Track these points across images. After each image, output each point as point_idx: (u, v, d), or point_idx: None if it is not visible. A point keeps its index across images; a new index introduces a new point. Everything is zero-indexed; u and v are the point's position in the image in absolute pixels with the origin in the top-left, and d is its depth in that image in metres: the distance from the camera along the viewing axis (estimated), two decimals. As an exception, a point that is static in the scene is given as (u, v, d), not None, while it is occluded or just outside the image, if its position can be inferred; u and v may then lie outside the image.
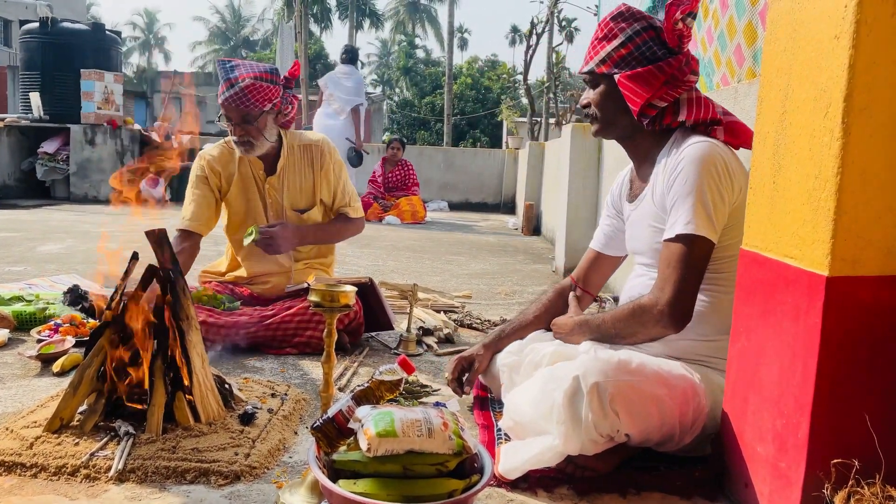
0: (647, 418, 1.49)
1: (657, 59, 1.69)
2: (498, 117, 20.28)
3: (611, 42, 1.72)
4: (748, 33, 2.30)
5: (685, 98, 1.73)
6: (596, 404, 1.44)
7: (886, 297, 1.21)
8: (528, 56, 12.32)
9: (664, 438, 1.54)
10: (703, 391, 1.57)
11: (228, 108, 2.56)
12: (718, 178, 1.61)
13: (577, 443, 1.46)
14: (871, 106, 1.18)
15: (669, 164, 1.69)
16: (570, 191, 4.62)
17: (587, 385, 1.44)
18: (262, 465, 1.55)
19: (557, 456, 1.49)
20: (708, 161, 1.62)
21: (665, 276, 1.63)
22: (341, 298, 1.40)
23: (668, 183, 1.68)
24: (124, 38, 39.46)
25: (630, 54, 1.70)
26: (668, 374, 1.55)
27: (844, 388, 1.22)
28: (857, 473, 1.17)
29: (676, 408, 1.51)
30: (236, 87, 2.52)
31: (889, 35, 1.17)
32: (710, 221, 1.60)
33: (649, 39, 1.69)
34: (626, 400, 1.45)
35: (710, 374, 1.65)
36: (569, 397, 1.46)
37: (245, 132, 2.57)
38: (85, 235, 5.64)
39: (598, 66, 1.75)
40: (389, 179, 8.81)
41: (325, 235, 2.84)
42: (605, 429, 1.46)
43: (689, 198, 1.61)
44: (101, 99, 9.25)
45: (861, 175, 1.19)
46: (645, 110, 1.71)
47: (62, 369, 2.18)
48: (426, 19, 39.43)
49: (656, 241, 1.73)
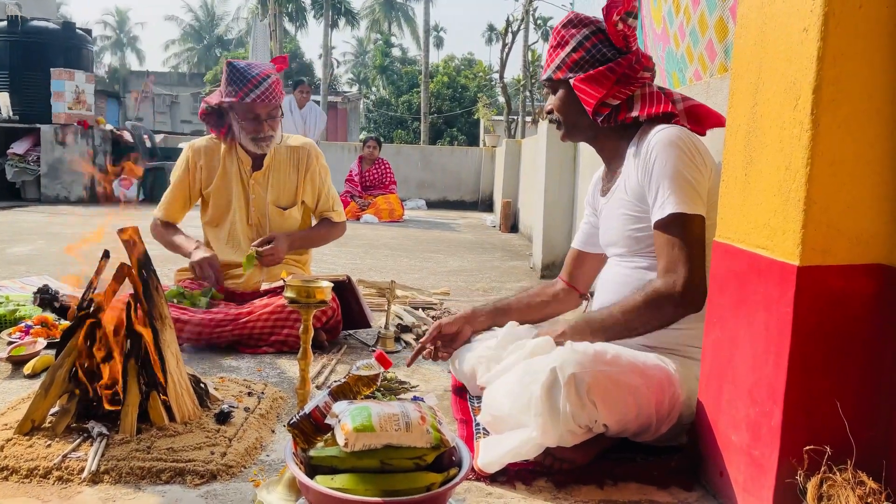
0: (623, 408, 1.50)
1: (607, 59, 1.77)
2: (475, 115, 20.30)
3: (563, 49, 1.82)
4: (719, 28, 2.33)
5: (638, 94, 1.79)
6: (573, 395, 1.45)
7: (856, 286, 1.23)
8: (504, 54, 12.36)
9: (641, 428, 1.55)
10: (678, 381, 1.59)
11: (259, 106, 2.61)
12: (692, 156, 1.67)
13: (555, 434, 1.47)
14: (840, 97, 1.20)
15: (641, 153, 1.74)
16: (546, 187, 4.64)
17: (564, 376, 1.45)
18: (238, 464, 1.53)
19: (536, 448, 1.49)
20: (679, 142, 1.68)
21: (673, 257, 1.63)
22: (317, 294, 1.39)
23: (643, 171, 1.72)
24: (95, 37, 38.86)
25: (582, 58, 1.79)
26: (644, 365, 1.56)
27: (816, 375, 1.24)
28: (830, 459, 1.19)
29: (652, 397, 1.53)
30: (266, 84, 2.60)
31: (857, 27, 1.19)
32: (698, 197, 1.65)
33: (598, 42, 1.78)
34: (603, 390, 1.46)
35: (685, 364, 1.67)
36: (546, 389, 1.47)
37: (271, 126, 2.67)
38: (56, 237, 5.55)
39: (554, 72, 1.84)
40: (366, 178, 8.79)
41: (311, 241, 2.93)
42: (583, 419, 1.46)
43: (672, 178, 1.65)
44: (72, 99, 9.10)
45: (830, 166, 1.21)
46: (599, 109, 1.77)
47: (33, 371, 2.14)
48: (402, 18, 39.32)
49: (629, 228, 1.78)
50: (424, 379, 2.27)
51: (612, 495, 1.49)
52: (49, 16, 13.24)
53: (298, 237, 2.83)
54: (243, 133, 2.67)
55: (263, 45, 10.88)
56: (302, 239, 2.85)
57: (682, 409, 1.58)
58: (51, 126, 8.96)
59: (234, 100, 2.60)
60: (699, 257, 1.62)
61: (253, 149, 2.71)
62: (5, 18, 9.45)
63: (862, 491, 1.16)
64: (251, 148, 2.71)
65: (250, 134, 2.66)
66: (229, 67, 2.64)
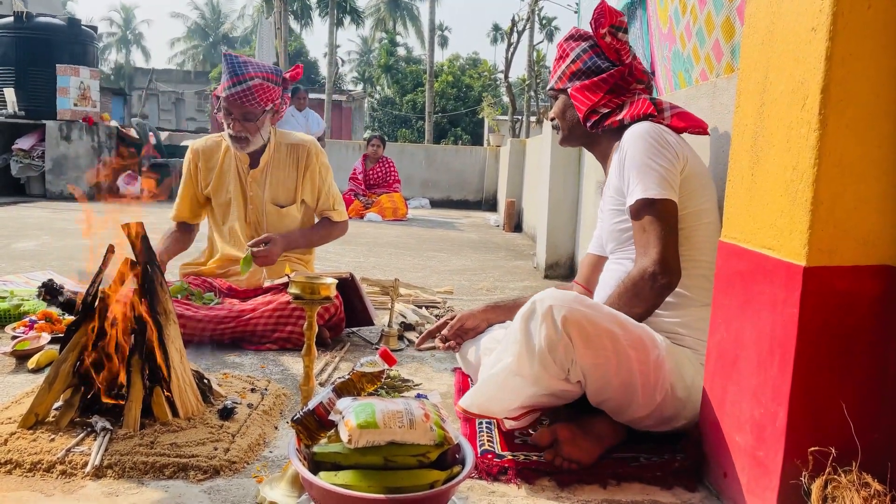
0: (601, 352, 1.51)
1: (601, 70, 1.92)
2: (479, 115, 20.30)
3: (564, 60, 1.98)
4: (726, 28, 2.32)
5: (628, 102, 1.92)
6: (550, 323, 1.49)
7: (862, 287, 1.22)
8: (509, 54, 12.34)
9: (624, 387, 1.54)
10: (662, 345, 1.59)
11: (232, 104, 2.59)
12: (659, 146, 1.75)
13: (529, 367, 1.51)
14: (848, 98, 1.19)
15: (619, 152, 1.84)
16: (551, 187, 4.63)
17: (543, 307, 1.50)
18: (241, 460, 1.54)
19: (511, 377, 1.53)
20: (645, 134, 1.77)
21: (643, 241, 1.71)
22: (322, 290, 1.39)
23: (619, 166, 1.83)
24: (101, 34, 38.87)
25: (579, 69, 1.94)
26: (625, 320, 1.59)
27: (821, 377, 1.24)
28: (834, 461, 1.19)
29: (632, 351, 1.53)
30: (244, 85, 2.56)
31: (865, 27, 1.18)
32: (666, 182, 1.71)
33: (594, 55, 1.93)
34: (579, 326, 1.49)
35: (675, 346, 1.68)
36: (524, 319, 1.52)
37: (243, 129, 2.62)
38: (61, 232, 5.56)
39: (556, 82, 2.01)
40: (370, 176, 8.79)
41: (310, 241, 2.88)
42: (559, 354, 1.49)
43: (639, 168, 1.73)
44: (78, 95, 9.11)
45: (838, 166, 1.20)
46: (589, 115, 1.92)
47: (37, 366, 2.15)
48: (407, 17, 39.31)
49: (613, 222, 1.88)
50: (427, 377, 2.27)
51: (615, 495, 1.48)
52: (54, 12, 13.28)
53: (296, 237, 2.78)
54: (225, 128, 2.66)
55: (269, 43, 10.89)
56: (300, 239, 2.81)
57: (671, 378, 1.57)
58: (56, 122, 8.98)
59: (219, 90, 2.62)
60: (669, 237, 1.68)
61: (231, 146, 2.69)
62: (11, 14, 9.46)
63: (867, 493, 1.16)
64: (230, 145, 2.70)
65: (227, 128, 2.65)
66: (223, 58, 2.64)
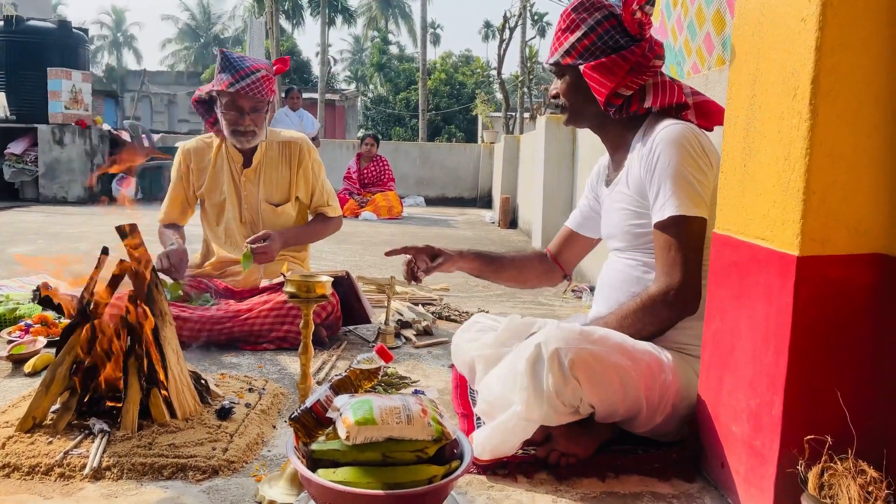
0: (609, 387, 1.49)
1: (620, 47, 1.69)
2: (473, 112, 20.30)
3: (573, 33, 1.74)
4: (717, 21, 2.33)
5: (651, 84, 1.74)
6: (556, 369, 1.45)
7: (855, 276, 1.23)
8: (501, 51, 12.34)
9: (630, 413, 1.55)
10: (670, 368, 1.58)
11: (243, 97, 2.59)
12: (696, 157, 1.62)
13: (539, 411, 1.47)
14: (838, 87, 1.20)
15: (646, 147, 1.69)
16: (545, 182, 4.64)
17: (548, 351, 1.46)
18: (240, 460, 1.54)
19: (521, 424, 1.50)
20: (684, 141, 1.63)
21: (669, 260, 1.62)
22: (317, 289, 1.39)
23: (646, 167, 1.68)
24: (92, 36, 38.65)
25: (593, 44, 1.71)
26: (633, 348, 1.56)
27: (816, 365, 1.24)
28: (831, 449, 1.19)
29: (640, 380, 1.52)
30: (254, 77, 2.57)
31: (855, 17, 1.19)
32: (700, 199, 1.61)
33: (611, 28, 1.70)
34: (586, 366, 1.46)
35: (683, 357, 1.66)
36: (531, 363, 1.48)
37: (253, 122, 2.63)
38: (56, 237, 5.55)
39: (562, 57, 1.77)
40: (364, 175, 8.79)
41: (306, 237, 2.90)
42: (567, 396, 1.47)
43: (674, 180, 1.61)
44: (69, 98, 9.08)
45: (829, 156, 1.21)
46: (611, 100, 1.72)
47: (34, 369, 2.14)
48: (399, 15, 39.25)
49: (629, 223, 1.76)
50: (425, 374, 2.27)
51: (613, 487, 1.49)
52: (45, 16, 13.22)
53: (293, 234, 2.80)
54: (225, 124, 2.65)
55: (259, 42, 10.88)
56: (297, 235, 2.82)
57: (675, 399, 1.58)
58: (48, 126, 8.94)
59: (221, 87, 2.60)
60: (696, 261, 1.60)
61: (233, 142, 2.69)
62: (1, 18, 9.42)
63: (863, 480, 1.16)
64: (231, 141, 2.69)
65: (231, 125, 2.63)
66: (222, 56, 2.63)
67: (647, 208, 1.71)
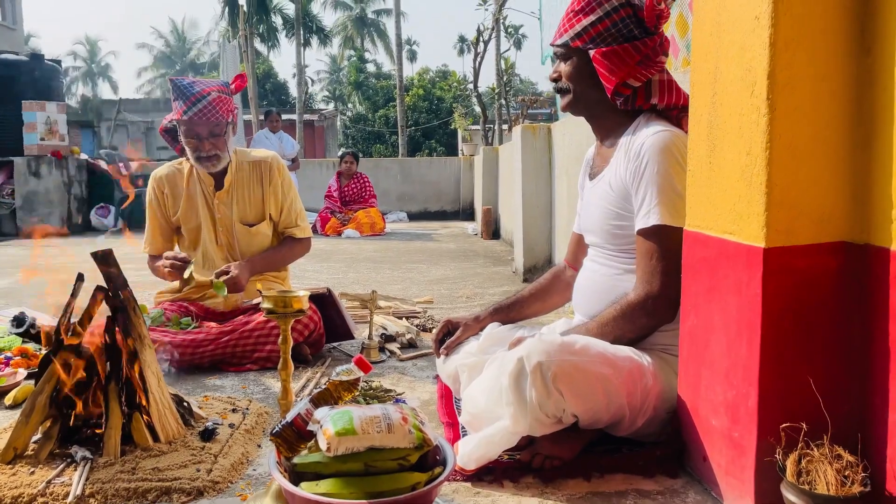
0: (592, 397, 1.50)
1: (633, 37, 1.68)
2: (452, 126, 20.39)
3: (588, 16, 1.71)
4: (680, 25, 2.37)
5: (657, 80, 1.73)
6: (539, 383, 1.46)
7: (820, 264, 1.26)
8: (476, 64, 12.41)
9: (614, 419, 1.56)
10: (651, 372, 1.59)
11: (197, 123, 2.58)
12: (683, 162, 1.61)
13: (524, 423, 1.48)
14: (794, 82, 1.23)
15: (632, 150, 1.69)
16: (524, 192, 4.67)
17: (530, 365, 1.47)
18: (225, 480, 1.53)
19: (508, 437, 1.51)
20: (673, 149, 1.64)
21: (649, 268, 1.64)
22: (294, 303, 1.39)
23: (631, 171, 1.68)
24: (67, 67, 38.39)
25: (607, 30, 1.69)
26: (614, 356, 1.56)
27: (788, 354, 1.26)
28: (806, 436, 1.21)
29: (623, 387, 1.53)
30: (205, 101, 2.56)
31: (805, 13, 1.22)
32: (685, 209, 1.60)
33: (626, 17, 1.69)
34: (569, 378, 1.47)
35: (663, 358, 1.68)
36: (514, 378, 1.48)
37: (214, 146, 2.62)
38: (34, 269, 5.49)
39: (572, 39, 1.74)
40: (346, 193, 8.78)
41: (274, 263, 2.82)
42: (550, 408, 1.48)
43: (660, 188, 1.62)
44: (45, 130, 9.02)
45: (789, 148, 1.24)
46: (619, 89, 1.71)
47: (14, 402, 2.12)
48: (374, 33, 39.40)
49: (609, 223, 1.76)
50: (410, 387, 2.27)
51: (599, 487, 1.50)
52: (17, 49, 13.17)
53: (259, 261, 2.74)
54: (189, 151, 2.65)
55: (234, 66, 10.86)
56: (263, 262, 2.76)
57: (657, 402, 1.59)
58: (24, 158, 8.88)
59: (177, 116, 2.61)
60: (676, 270, 1.60)
61: (198, 167, 2.68)
62: (-27, 53, 9.37)
63: (839, 464, 1.18)
64: (197, 167, 2.68)
65: (193, 152, 2.63)
66: (171, 84, 2.63)
67: (629, 211, 1.72)
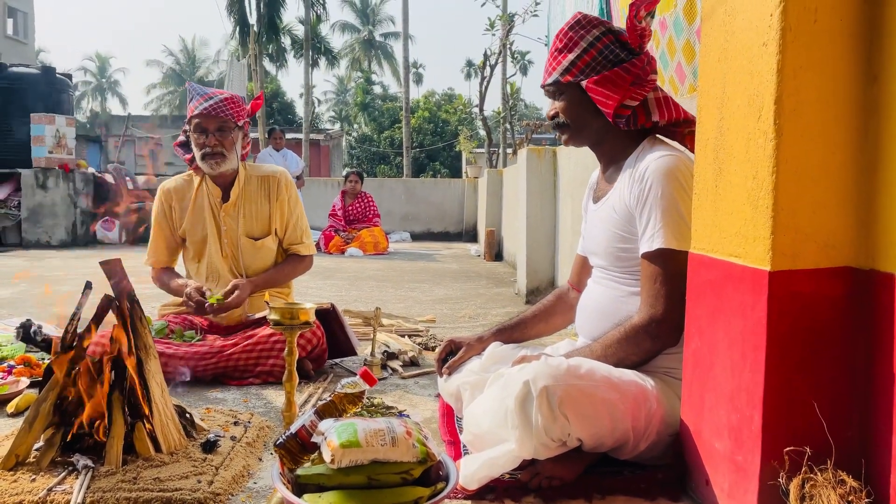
0: (597, 422, 1.50)
1: (621, 60, 1.72)
2: (456, 148, 20.51)
3: (572, 51, 1.75)
4: (687, 51, 2.40)
5: (652, 98, 1.76)
6: (545, 408, 1.45)
7: (826, 289, 1.26)
8: (482, 88, 12.50)
9: (618, 443, 1.56)
10: (654, 396, 1.59)
11: (206, 118, 2.62)
12: (688, 190, 1.62)
13: (529, 447, 1.47)
14: (801, 107, 1.25)
15: (636, 174, 1.71)
16: (528, 214, 4.69)
17: (536, 389, 1.46)
18: (226, 492, 1.53)
19: (512, 460, 1.50)
20: (678, 173, 1.65)
21: (654, 291, 1.65)
22: (301, 315, 1.40)
23: (636, 194, 1.70)
24: (76, 82, 38.75)
25: (594, 60, 1.73)
26: (619, 380, 1.56)
27: (792, 378, 1.27)
28: (810, 460, 1.21)
29: (628, 412, 1.53)
30: (216, 99, 2.63)
31: (813, 40, 1.24)
32: (689, 232, 1.60)
33: (610, 44, 1.73)
34: (575, 403, 1.47)
35: (666, 382, 1.68)
36: (520, 402, 1.48)
37: (219, 142, 2.64)
38: (38, 280, 5.51)
39: (562, 75, 1.77)
40: (350, 212, 8.82)
41: (276, 281, 2.83)
42: (556, 433, 1.47)
43: (665, 212, 1.64)
44: (53, 143, 9.09)
45: (795, 173, 1.25)
46: (619, 111, 1.73)
47: (17, 410, 2.12)
48: (382, 56, 39.76)
49: (614, 245, 1.77)
50: (412, 404, 2.27)
51: (600, 508, 1.49)
52: (28, 62, 13.31)
53: (263, 279, 2.76)
54: (196, 150, 2.67)
55: (241, 84, 10.99)
56: (266, 280, 2.77)
57: (660, 426, 1.59)
58: (31, 170, 8.94)
59: (189, 114, 2.65)
60: (680, 293, 1.60)
61: (204, 168, 2.69)
62: (-15, 66, 9.48)
63: (843, 490, 1.18)
64: (202, 167, 2.69)
65: (199, 149, 2.65)
66: (189, 87, 2.69)
67: (633, 234, 1.73)
